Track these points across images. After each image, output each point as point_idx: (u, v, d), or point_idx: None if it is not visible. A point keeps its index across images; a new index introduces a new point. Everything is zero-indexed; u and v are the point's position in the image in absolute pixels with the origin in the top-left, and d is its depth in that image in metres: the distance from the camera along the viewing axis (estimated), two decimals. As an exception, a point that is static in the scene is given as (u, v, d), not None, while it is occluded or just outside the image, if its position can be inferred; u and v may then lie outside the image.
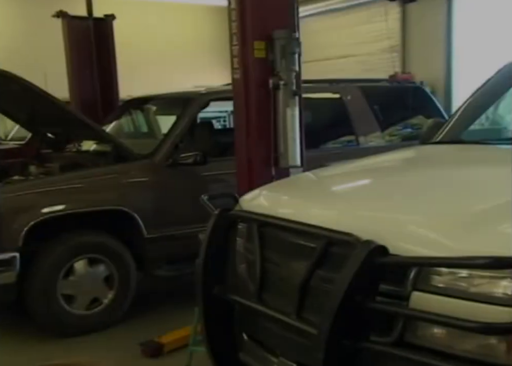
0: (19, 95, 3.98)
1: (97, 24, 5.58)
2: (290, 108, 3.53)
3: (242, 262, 2.26)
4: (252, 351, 2.10)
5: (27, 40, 8.21)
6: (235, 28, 3.46)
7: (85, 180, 3.85)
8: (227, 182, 4.34)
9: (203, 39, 10.59)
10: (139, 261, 3.96)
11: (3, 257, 3.42)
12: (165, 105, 5.17)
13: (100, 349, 3.41)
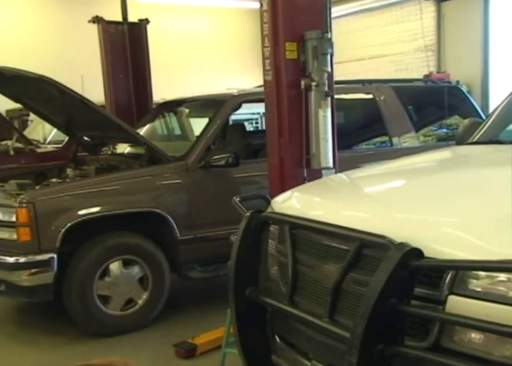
0: (57, 99, 4.07)
1: (131, 28, 5.67)
2: (322, 109, 3.51)
3: (274, 264, 2.25)
4: (284, 353, 2.09)
5: (65, 45, 8.41)
6: (267, 30, 3.46)
7: (120, 182, 3.90)
8: (258, 184, 4.35)
9: (235, 41, 10.63)
10: (172, 263, 4.00)
11: (41, 258, 3.50)
12: (198, 107, 5.21)
13: (135, 350, 3.45)
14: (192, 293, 4.70)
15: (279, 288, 2.15)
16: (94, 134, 4.76)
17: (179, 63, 9.62)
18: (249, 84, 9.37)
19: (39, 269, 3.51)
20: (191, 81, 9.62)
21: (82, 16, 5.89)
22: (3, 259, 3.53)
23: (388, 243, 1.61)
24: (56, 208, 3.61)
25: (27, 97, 4.49)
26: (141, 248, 3.83)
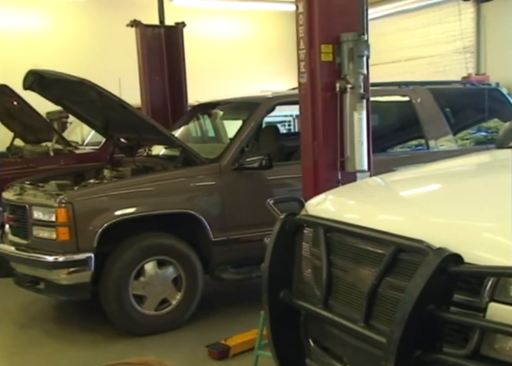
0: (96, 102, 4.15)
1: (168, 31, 5.74)
2: (357, 112, 3.48)
3: (307, 267, 2.24)
4: (318, 357, 2.07)
5: (103, 49, 8.59)
6: (303, 32, 3.45)
7: (155, 183, 3.95)
8: (291, 186, 4.34)
9: (269, 44, 10.65)
10: (205, 264, 4.02)
11: (79, 257, 3.58)
12: (232, 109, 5.24)
13: (169, 350, 3.48)
14: (225, 295, 4.72)
15: (313, 291, 2.13)
16: (130, 136, 4.84)
17: (214, 66, 9.70)
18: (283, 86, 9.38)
19: (77, 268, 3.59)
20: (225, 83, 9.68)
21: (120, 20, 6.00)
22: (43, 258, 3.62)
23: (426, 247, 1.58)
24: (93, 209, 3.68)
25: (67, 100, 4.60)
26: (175, 249, 3.87)
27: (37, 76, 4.14)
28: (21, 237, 3.90)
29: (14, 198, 4.05)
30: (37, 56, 7.78)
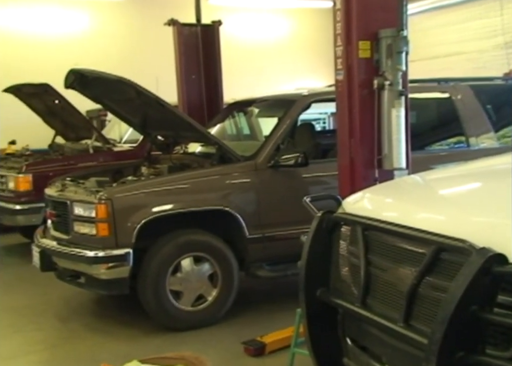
0: (134, 100, 4.21)
1: (204, 30, 5.78)
2: (395, 109, 3.44)
3: (345, 265, 2.23)
4: (356, 356, 2.06)
5: (141, 48, 8.72)
6: (340, 29, 3.43)
7: (191, 180, 3.99)
8: (327, 184, 4.32)
9: (305, 41, 10.60)
10: (241, 261, 4.05)
11: (118, 252, 3.65)
12: (267, 107, 5.24)
13: (205, 345, 3.52)
14: (260, 292, 4.73)
15: (350, 290, 2.12)
16: (167, 134, 4.90)
17: (249, 64, 9.72)
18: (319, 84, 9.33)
19: (116, 263, 3.66)
20: (260, 81, 9.68)
21: (157, 19, 6.07)
22: (84, 253, 3.71)
23: (469, 247, 1.55)
24: (131, 205, 3.74)
25: (107, 98, 4.69)
26: (211, 245, 3.90)
27: (78, 75, 4.24)
28: (63, 232, 4.00)
29: (56, 195, 4.16)
30: (77, 56, 7.96)
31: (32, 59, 8.04)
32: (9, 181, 5.85)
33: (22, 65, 7.82)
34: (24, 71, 7.35)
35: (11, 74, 7.05)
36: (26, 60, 7.98)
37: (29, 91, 6.45)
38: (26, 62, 7.94)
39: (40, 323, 4.09)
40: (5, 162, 6.35)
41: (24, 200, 5.68)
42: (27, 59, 8.01)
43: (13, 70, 7.54)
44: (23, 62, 7.93)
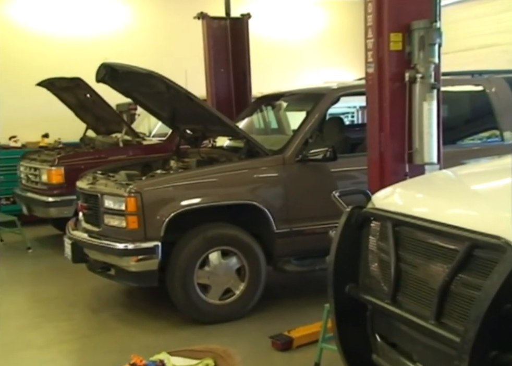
0: (164, 94, 4.24)
1: (233, 23, 5.75)
2: (427, 102, 3.37)
3: (374, 261, 2.20)
4: (386, 353, 2.04)
5: (170, 41, 8.76)
6: (371, 21, 3.37)
7: (219, 174, 4.00)
8: (355, 179, 4.28)
9: (335, 34, 10.48)
10: (268, 255, 4.04)
11: (147, 245, 3.69)
12: (296, 101, 5.21)
13: (232, 339, 3.53)
14: (287, 286, 4.72)
15: (379, 286, 2.10)
16: (195, 128, 4.91)
17: (278, 57, 9.66)
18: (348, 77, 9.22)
19: (145, 256, 3.69)
20: (289, 74, 9.63)
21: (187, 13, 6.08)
22: (114, 245, 3.76)
23: (504, 244, 1.51)
24: (160, 198, 3.77)
25: (136, 92, 4.72)
26: (238, 239, 3.90)
27: (109, 69, 4.28)
28: (93, 224, 4.06)
29: (87, 187, 4.22)
30: (107, 50, 8.05)
31: (64, 54, 8.16)
32: (42, 174, 5.97)
33: (54, 60, 7.96)
34: (57, 66, 7.48)
35: (45, 68, 7.17)
36: (59, 55, 8.11)
37: (62, 85, 6.56)
38: (59, 57, 8.07)
39: (72, 313, 4.17)
40: (38, 155, 6.48)
41: (57, 193, 5.80)
42: (60, 54, 8.14)
43: (46, 65, 7.67)
44: (56, 57, 8.06)
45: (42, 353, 3.49)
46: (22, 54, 7.95)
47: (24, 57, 7.94)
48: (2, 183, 7.41)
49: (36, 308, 4.35)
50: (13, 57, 7.89)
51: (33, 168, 6.20)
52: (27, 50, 8.01)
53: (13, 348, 3.58)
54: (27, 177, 6.30)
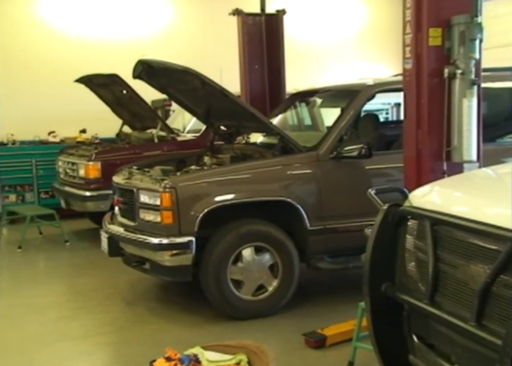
0: (199, 90, 4.26)
1: (268, 19, 5.74)
2: (467, 99, 3.29)
3: (411, 260, 2.17)
4: (423, 354, 2.00)
5: (206, 38, 8.79)
6: (410, 16, 3.31)
7: (253, 171, 4.00)
8: (390, 176, 4.23)
9: (370, 30, 10.34)
10: (301, 252, 4.03)
11: (181, 240, 3.72)
12: (330, 97, 5.17)
13: (265, 335, 3.54)
14: (320, 284, 4.70)
15: (417, 286, 2.06)
16: (230, 124, 4.93)
17: (311, 53, 9.60)
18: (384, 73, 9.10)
19: (180, 250, 3.73)
20: (323, 70, 9.56)
21: (222, 9, 6.11)
22: (149, 240, 3.80)
23: (549, 246, 1.47)
24: (195, 194, 3.80)
25: (172, 88, 4.76)
26: (271, 236, 3.90)
27: (145, 65, 4.33)
28: (129, 219, 4.12)
29: (123, 182, 4.29)
30: (143, 47, 8.14)
31: (101, 52, 8.30)
32: (79, 169, 6.10)
33: (93, 58, 8.10)
34: (95, 64, 7.61)
35: (83, 66, 7.31)
36: (97, 53, 8.25)
37: (99, 81, 6.68)
38: (97, 55, 8.22)
39: (108, 306, 4.25)
40: (76, 150, 6.62)
41: (93, 187, 5.91)
42: (97, 52, 8.28)
43: (85, 63, 7.82)
44: (94, 55, 8.21)
45: (79, 345, 3.56)
46: (63, 53, 8.13)
47: (64, 56, 8.11)
48: (41, 177, 7.62)
49: (74, 300, 4.45)
50: (54, 56, 8.07)
51: (70, 162, 6.34)
52: (67, 49, 8.18)
53: (51, 338, 3.67)
54: (65, 172, 6.44)
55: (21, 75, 7.85)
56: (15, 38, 7.89)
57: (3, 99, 7.74)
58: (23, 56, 7.87)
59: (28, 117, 7.85)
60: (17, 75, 7.84)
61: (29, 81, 7.89)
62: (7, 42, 7.82)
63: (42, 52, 8.01)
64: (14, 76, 7.82)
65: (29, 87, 7.88)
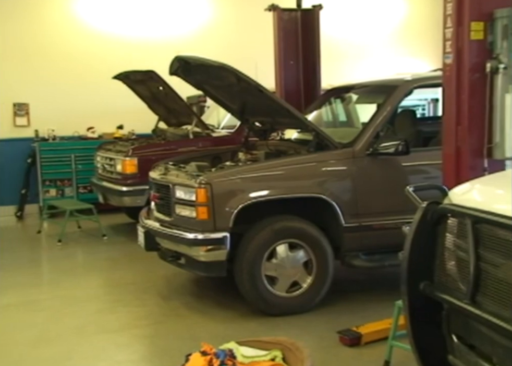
0: (235, 86, 4.26)
1: (304, 15, 5.70)
2: (509, 94, 3.20)
3: (451, 259, 2.13)
4: (463, 355, 1.97)
5: (241, 33, 8.79)
6: (451, 9, 3.24)
7: (288, 167, 3.99)
8: (427, 174, 4.17)
9: (408, 24, 10.14)
10: (336, 249, 4.00)
11: (216, 236, 3.74)
12: (367, 93, 5.10)
13: (299, 332, 3.53)
14: (355, 282, 4.67)
15: (456, 285, 2.02)
16: (265, 120, 4.92)
17: (347, 48, 9.49)
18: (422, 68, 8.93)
19: (214, 246, 3.75)
20: (358, 66, 9.44)
21: (257, 5, 6.10)
22: (184, 235, 3.84)
23: None
24: (229, 190, 3.81)
25: (208, 84, 4.78)
26: (306, 233, 3.89)
27: (182, 62, 4.36)
28: (165, 214, 4.16)
29: (159, 178, 4.34)
30: (179, 44, 8.21)
31: (138, 50, 8.40)
32: (116, 164, 6.20)
33: (129, 56, 8.21)
34: (132, 61, 7.72)
35: (120, 63, 7.43)
36: (133, 50, 8.36)
37: (136, 78, 6.77)
38: (133, 52, 8.33)
39: (145, 299, 4.32)
40: (114, 146, 6.73)
41: (130, 183, 6.00)
42: (134, 50, 8.39)
43: (121, 60, 7.94)
44: (131, 52, 8.32)
45: (117, 337, 3.63)
46: (101, 51, 8.26)
47: (102, 54, 8.25)
48: (80, 172, 7.79)
49: (111, 293, 4.54)
50: (93, 54, 8.21)
51: (108, 158, 6.45)
52: (105, 47, 8.31)
53: (89, 330, 3.75)
54: (103, 167, 6.57)
55: (62, 73, 8.03)
56: (55, 37, 8.07)
57: (45, 96, 7.94)
58: (64, 55, 8.05)
59: (68, 113, 8.03)
60: (58, 73, 8.02)
61: (69, 78, 8.06)
62: (48, 41, 8.01)
63: (82, 50, 8.17)
64: (55, 74, 8.00)
65: (69, 84, 8.06)
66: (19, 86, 7.86)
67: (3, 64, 7.78)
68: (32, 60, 7.89)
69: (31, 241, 6.56)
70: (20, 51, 7.87)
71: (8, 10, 7.81)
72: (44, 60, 7.96)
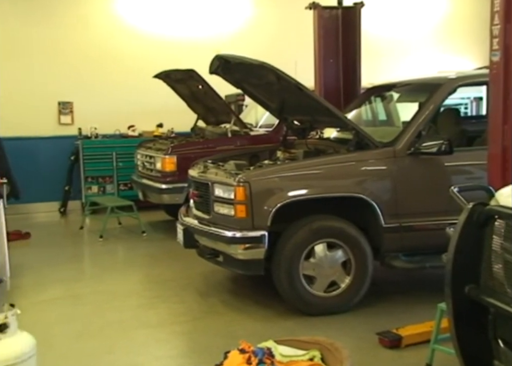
0: (274, 85, 4.25)
1: (345, 12, 5.63)
2: (560, 92, 3.08)
3: (498, 262, 2.06)
4: (509, 360, 1.91)
5: (281, 32, 8.76)
6: (498, 6, 3.14)
7: (327, 166, 3.96)
8: (471, 174, 4.08)
9: (453, 21, 9.91)
10: (375, 250, 3.95)
11: (254, 234, 3.75)
12: (409, 91, 5.01)
13: (338, 332, 3.49)
14: (395, 283, 4.60)
15: (504, 289, 1.97)
16: (303, 119, 4.90)
17: (389, 46, 9.34)
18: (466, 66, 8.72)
19: (253, 244, 3.76)
20: (400, 64, 9.29)
21: (298, 3, 6.06)
22: (222, 233, 3.86)
23: None
24: (268, 189, 3.81)
25: (247, 83, 4.79)
26: (344, 232, 3.86)
27: (222, 61, 4.38)
28: (204, 212, 4.20)
29: (198, 176, 4.37)
30: (219, 42, 8.26)
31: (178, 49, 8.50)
32: (156, 162, 6.30)
33: (169, 54, 8.32)
34: (172, 60, 7.81)
35: (160, 62, 7.53)
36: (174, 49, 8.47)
37: (176, 77, 6.86)
38: (174, 51, 8.43)
39: (183, 296, 4.36)
40: (153, 144, 6.83)
41: (169, 180, 6.08)
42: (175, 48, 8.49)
43: (162, 59, 8.05)
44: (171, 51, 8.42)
45: (156, 332, 3.68)
46: (142, 51, 8.39)
47: (143, 53, 8.38)
48: (121, 169, 7.94)
49: (151, 289, 4.60)
50: (133, 54, 8.35)
51: (148, 156, 6.56)
52: (146, 47, 8.43)
53: (130, 325, 3.81)
54: (143, 164, 6.68)
55: (104, 73, 8.21)
56: (98, 38, 8.24)
57: (88, 95, 8.13)
58: (107, 55, 8.22)
59: (110, 112, 8.20)
60: (101, 73, 8.20)
61: (111, 77, 8.23)
62: (91, 42, 8.19)
63: (123, 51, 8.32)
64: (98, 73, 8.18)
65: (111, 83, 8.22)
66: (63, 86, 8.07)
67: (50, 65, 8.01)
68: (76, 61, 8.09)
69: (74, 237, 6.74)
70: (65, 52, 8.08)
71: (55, 14, 8.02)
72: (87, 60, 8.14)
